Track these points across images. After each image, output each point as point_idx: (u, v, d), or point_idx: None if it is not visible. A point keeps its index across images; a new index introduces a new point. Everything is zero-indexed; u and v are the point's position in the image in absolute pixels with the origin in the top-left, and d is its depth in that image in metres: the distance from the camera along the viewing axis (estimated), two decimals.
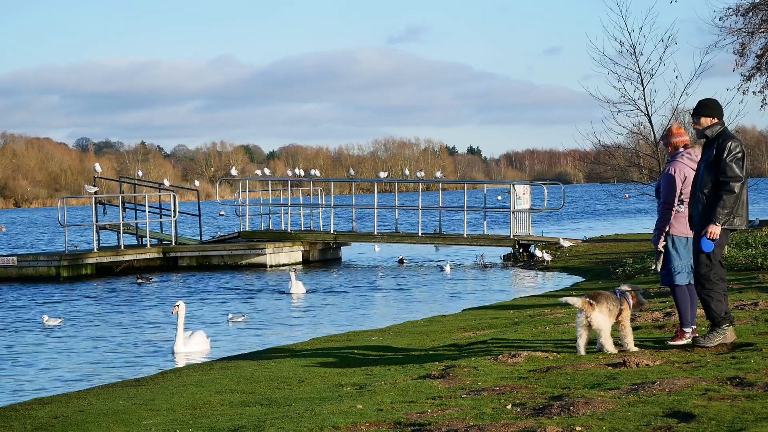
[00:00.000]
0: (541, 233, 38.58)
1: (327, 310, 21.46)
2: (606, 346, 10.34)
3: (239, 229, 36.32)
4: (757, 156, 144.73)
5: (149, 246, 34.19)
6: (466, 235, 33.65)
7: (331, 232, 35.30)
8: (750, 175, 19.91)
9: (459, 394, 8.81)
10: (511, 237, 32.97)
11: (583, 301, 10.26)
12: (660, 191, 10.80)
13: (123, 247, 33.58)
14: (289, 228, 35.87)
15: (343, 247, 36.70)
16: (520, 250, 32.53)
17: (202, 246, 34.81)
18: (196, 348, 15.91)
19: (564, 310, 14.96)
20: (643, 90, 27.59)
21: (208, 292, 26.12)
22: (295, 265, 32.63)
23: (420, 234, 34.21)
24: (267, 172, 46.33)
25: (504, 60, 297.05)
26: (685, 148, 10.82)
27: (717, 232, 9.92)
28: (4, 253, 37.70)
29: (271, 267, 33.04)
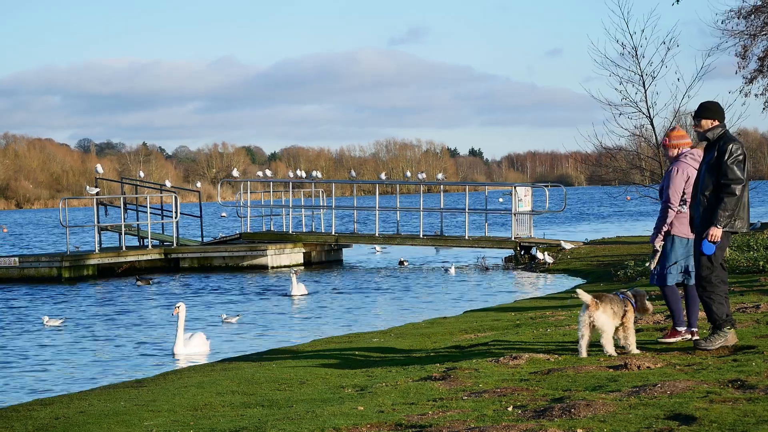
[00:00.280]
0: (543, 235, 38.60)
1: (328, 312, 21.45)
2: (607, 347, 10.35)
3: (240, 231, 36.33)
4: (759, 158, 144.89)
5: (151, 247, 34.21)
6: (467, 237, 33.66)
7: (333, 233, 35.33)
8: (751, 178, 19.94)
9: (460, 396, 8.81)
10: (512, 239, 32.97)
11: (591, 298, 10.28)
12: (663, 191, 10.82)
13: (124, 248, 33.60)
14: (290, 229, 35.86)
15: (344, 249, 36.72)
16: (522, 252, 32.53)
17: (203, 247, 34.83)
18: (196, 350, 15.89)
19: (565, 313, 14.96)
20: (645, 92, 27.64)
21: (209, 294, 26.13)
22: (297, 267, 32.64)
23: (421, 236, 34.22)
24: (269, 173, 46.36)
25: (505, 61, 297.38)
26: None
27: (718, 234, 9.91)
28: (6, 254, 37.72)
29: (272, 268, 33.03)
